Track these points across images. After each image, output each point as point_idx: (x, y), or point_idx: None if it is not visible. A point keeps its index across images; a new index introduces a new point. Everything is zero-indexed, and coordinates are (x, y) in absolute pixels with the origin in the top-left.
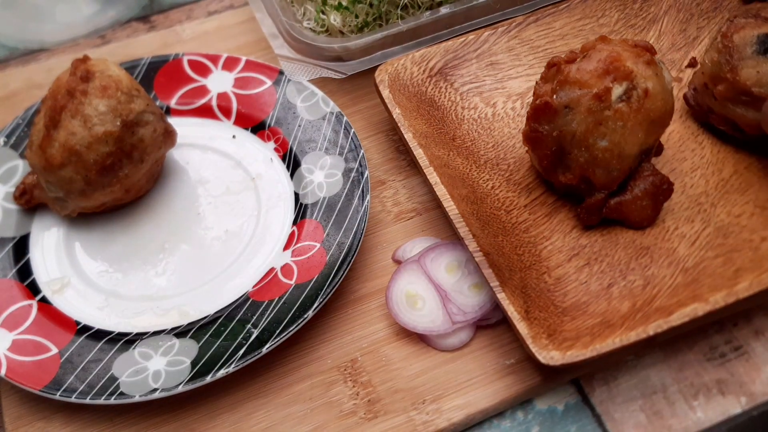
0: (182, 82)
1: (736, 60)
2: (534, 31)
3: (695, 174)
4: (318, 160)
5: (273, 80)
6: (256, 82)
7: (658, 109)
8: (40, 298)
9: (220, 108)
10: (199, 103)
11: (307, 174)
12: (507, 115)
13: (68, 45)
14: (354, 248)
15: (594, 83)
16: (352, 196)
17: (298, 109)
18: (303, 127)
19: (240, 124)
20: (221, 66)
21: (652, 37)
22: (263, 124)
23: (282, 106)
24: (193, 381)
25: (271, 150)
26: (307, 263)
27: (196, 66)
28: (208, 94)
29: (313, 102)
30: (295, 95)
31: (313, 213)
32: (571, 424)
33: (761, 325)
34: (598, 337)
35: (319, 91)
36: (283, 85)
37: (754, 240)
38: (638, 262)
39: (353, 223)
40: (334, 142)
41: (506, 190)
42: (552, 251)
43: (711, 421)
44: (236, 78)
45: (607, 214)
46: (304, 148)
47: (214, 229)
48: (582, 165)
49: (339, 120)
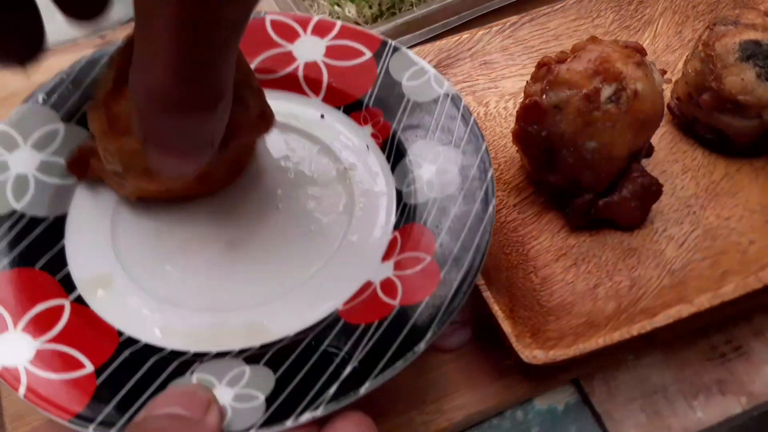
0: (263, 46)
1: (719, 68)
2: (528, 31)
3: (686, 176)
4: (428, 151)
5: (374, 51)
6: (353, 52)
7: (647, 111)
8: (74, 298)
9: (308, 80)
10: (282, 72)
11: (413, 168)
12: (499, 115)
13: (68, 45)
14: (476, 266)
15: (583, 84)
16: (473, 199)
17: (404, 88)
18: (410, 110)
19: (331, 102)
20: (311, 30)
21: (647, 38)
22: (359, 103)
23: (384, 83)
24: (269, 425)
25: (368, 136)
26: (415, 280)
27: (280, 28)
28: (294, 63)
29: (423, 80)
30: (400, 71)
31: (421, 216)
32: (571, 424)
33: (761, 325)
34: (581, 336)
35: (431, 68)
36: (386, 58)
37: (742, 243)
38: (625, 263)
39: (474, 234)
40: (448, 130)
41: (496, 189)
42: (540, 251)
43: (711, 421)
44: (329, 46)
45: (595, 215)
46: (410, 135)
47: (297, 227)
48: (571, 165)
49: (455, 104)
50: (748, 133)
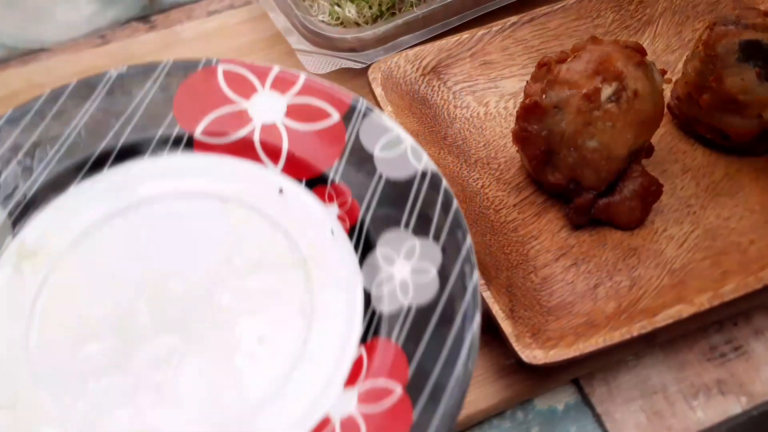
0: (213, 101)
1: (719, 68)
2: (528, 31)
3: (686, 176)
4: (402, 243)
5: (342, 113)
6: (318, 113)
7: (648, 111)
8: None
9: (265, 146)
10: (235, 135)
11: (384, 264)
12: (499, 115)
13: (68, 45)
14: (457, 404)
15: (584, 83)
16: (453, 312)
17: (376, 161)
18: (382, 189)
19: (291, 173)
20: (270, 83)
21: (647, 38)
22: (324, 177)
23: (353, 152)
24: None
25: (334, 217)
26: (383, 420)
27: (234, 80)
28: (249, 124)
29: (398, 152)
30: (373, 139)
31: (392, 329)
32: (571, 424)
33: (761, 325)
34: (582, 336)
35: (407, 136)
36: (356, 122)
37: (742, 243)
38: (625, 263)
39: (454, 359)
40: (426, 218)
41: (496, 189)
42: (540, 251)
43: (711, 421)
44: (290, 105)
45: (595, 214)
46: (381, 222)
47: (242, 333)
48: (571, 165)
49: (435, 185)
50: (748, 133)
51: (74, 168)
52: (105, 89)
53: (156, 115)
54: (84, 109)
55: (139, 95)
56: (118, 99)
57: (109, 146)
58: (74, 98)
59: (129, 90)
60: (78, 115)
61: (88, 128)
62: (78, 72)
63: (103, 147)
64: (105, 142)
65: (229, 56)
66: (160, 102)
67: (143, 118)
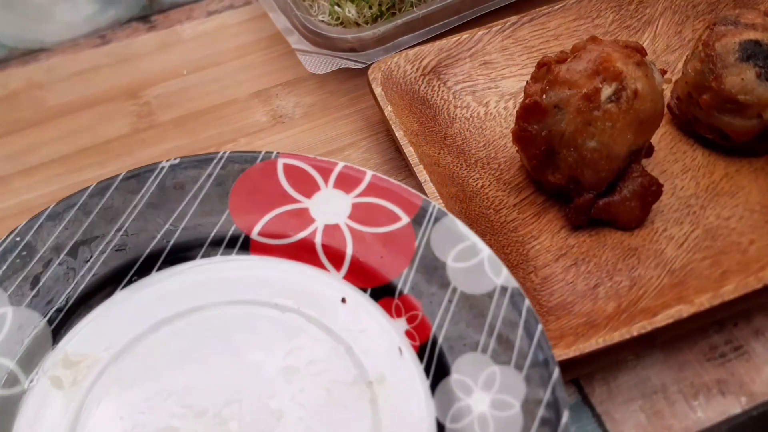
0: (273, 199)
1: (719, 68)
2: (528, 31)
3: (686, 176)
4: (480, 370)
5: (412, 216)
6: (386, 214)
7: (648, 110)
8: None
9: (327, 250)
10: (295, 237)
11: (460, 393)
12: (499, 115)
13: (68, 45)
14: None
15: (584, 83)
16: None
17: (449, 272)
18: (456, 304)
19: (355, 281)
20: (334, 181)
21: (647, 38)
22: (392, 287)
23: (423, 261)
24: None
25: (402, 334)
26: None
27: (296, 176)
28: (311, 225)
29: (474, 263)
30: (445, 246)
31: None
32: (571, 425)
33: (761, 325)
34: (582, 336)
35: (484, 246)
36: (427, 227)
37: (742, 243)
38: (625, 263)
39: None
40: (507, 342)
41: (495, 189)
42: (539, 251)
43: (711, 421)
44: (355, 204)
45: (595, 214)
46: (456, 343)
47: None
48: (571, 165)
49: (516, 303)
50: (748, 133)
51: (121, 270)
52: (156, 183)
53: (210, 213)
54: (132, 205)
55: (192, 190)
56: (169, 194)
57: (158, 247)
58: (122, 192)
59: (182, 184)
60: (126, 211)
61: (137, 226)
62: (78, 72)
63: (152, 248)
64: (154, 242)
65: (229, 56)
66: (214, 198)
67: (196, 216)
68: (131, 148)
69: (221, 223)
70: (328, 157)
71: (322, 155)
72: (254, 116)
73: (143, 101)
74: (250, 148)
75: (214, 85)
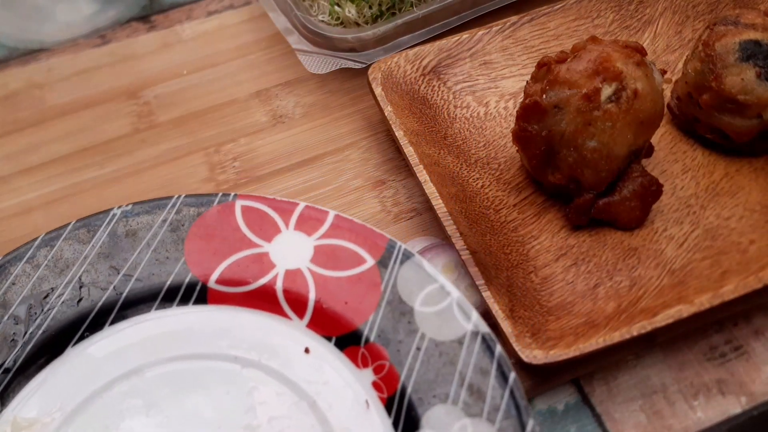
0: (231, 244)
1: (719, 68)
2: (528, 31)
3: (686, 176)
4: (451, 423)
5: (377, 257)
6: (349, 256)
7: (647, 110)
8: None
9: (289, 296)
10: (255, 284)
11: None
12: (499, 115)
13: (68, 45)
14: None
15: (583, 83)
16: None
17: (417, 317)
18: (425, 352)
19: (318, 329)
20: (295, 222)
21: (647, 38)
22: (356, 334)
23: (390, 306)
24: None
25: (368, 385)
26: None
27: (254, 219)
28: (272, 271)
29: (443, 306)
30: (413, 289)
31: None
32: (571, 424)
33: (761, 325)
34: (581, 336)
35: (453, 288)
36: (393, 269)
37: (742, 243)
38: (625, 263)
39: None
40: (479, 392)
41: (496, 189)
42: (540, 251)
43: (711, 420)
44: (317, 245)
45: (595, 214)
46: (425, 395)
47: None
48: (571, 165)
49: (488, 349)
50: (748, 133)
51: (71, 326)
52: (107, 231)
53: (165, 261)
54: (83, 256)
55: (145, 238)
56: (121, 243)
57: (110, 300)
58: (72, 242)
59: (134, 231)
60: (76, 263)
61: (88, 278)
62: (78, 72)
63: (104, 301)
64: (106, 294)
65: (229, 56)
66: (169, 245)
67: (150, 265)
68: (131, 148)
69: (176, 272)
70: (328, 158)
71: (322, 155)
72: (254, 116)
73: (143, 101)
74: (250, 147)
75: (214, 85)
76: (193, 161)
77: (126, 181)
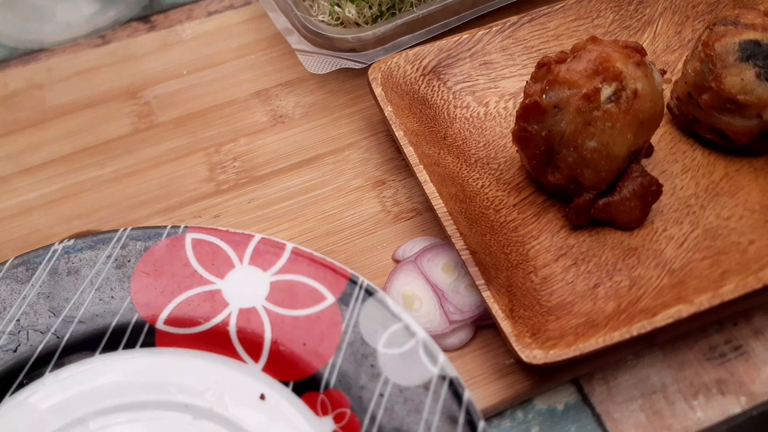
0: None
1: (719, 68)
2: (528, 31)
3: (686, 176)
4: None
5: (338, 294)
6: (308, 293)
7: (647, 111)
8: None
9: (243, 337)
10: (206, 325)
11: None
12: (499, 115)
13: (68, 45)
14: None
15: (583, 83)
16: None
17: (380, 359)
18: (389, 399)
19: (275, 373)
20: (250, 256)
21: (646, 38)
22: (315, 379)
23: (352, 347)
24: None
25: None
26: None
27: (206, 253)
28: (225, 310)
29: (407, 348)
30: (376, 329)
31: None
32: (571, 424)
33: (761, 325)
34: (581, 336)
35: (419, 328)
36: (355, 307)
37: (742, 243)
38: (625, 263)
39: None
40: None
41: (495, 189)
42: (539, 251)
43: (711, 420)
44: (274, 282)
45: (595, 214)
46: None
47: None
48: (570, 165)
49: (456, 395)
50: (748, 133)
51: (8, 374)
52: (47, 270)
53: (109, 301)
54: (21, 297)
55: (89, 276)
56: (62, 281)
57: (51, 344)
58: (9, 282)
59: (77, 269)
60: (13, 304)
61: (26, 321)
62: (78, 72)
63: (44, 346)
64: (46, 339)
65: (229, 56)
66: (114, 283)
67: (94, 305)
68: (131, 148)
69: (122, 313)
70: (328, 158)
71: (322, 155)
72: (254, 116)
73: (143, 101)
74: (250, 147)
75: (214, 85)
76: (193, 161)
77: (126, 181)
